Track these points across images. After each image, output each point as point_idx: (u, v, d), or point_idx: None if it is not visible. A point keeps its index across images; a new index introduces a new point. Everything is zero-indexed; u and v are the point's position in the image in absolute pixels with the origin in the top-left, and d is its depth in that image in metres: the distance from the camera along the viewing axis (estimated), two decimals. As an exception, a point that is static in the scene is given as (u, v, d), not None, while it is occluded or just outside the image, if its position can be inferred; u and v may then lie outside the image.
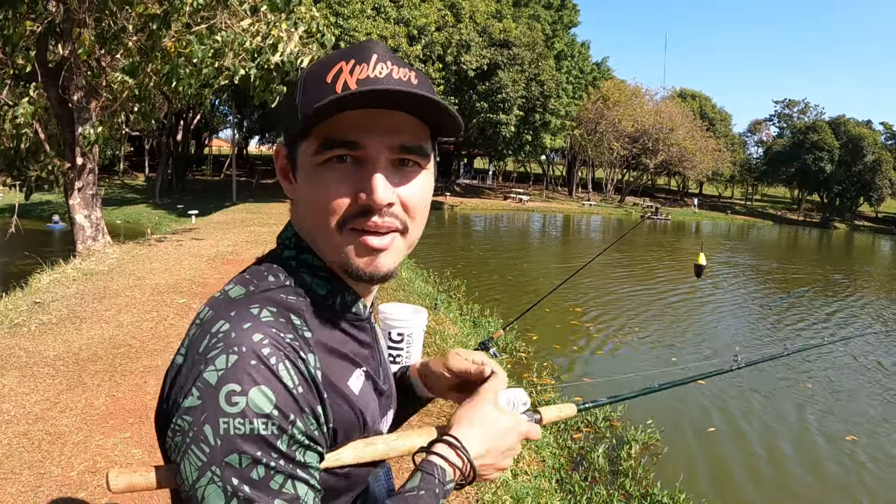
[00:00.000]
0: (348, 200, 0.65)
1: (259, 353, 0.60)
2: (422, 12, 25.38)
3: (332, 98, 0.61)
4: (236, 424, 0.58)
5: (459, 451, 0.71)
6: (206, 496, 0.58)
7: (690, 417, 5.66)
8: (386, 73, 0.65)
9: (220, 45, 6.73)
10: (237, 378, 0.58)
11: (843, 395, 6.65)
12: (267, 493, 0.58)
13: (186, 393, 0.60)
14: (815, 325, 10.21)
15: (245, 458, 0.58)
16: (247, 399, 0.58)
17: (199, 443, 0.58)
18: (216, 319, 0.63)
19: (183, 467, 0.59)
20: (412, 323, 4.03)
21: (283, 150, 0.72)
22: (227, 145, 47.76)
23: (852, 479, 4.78)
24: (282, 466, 0.59)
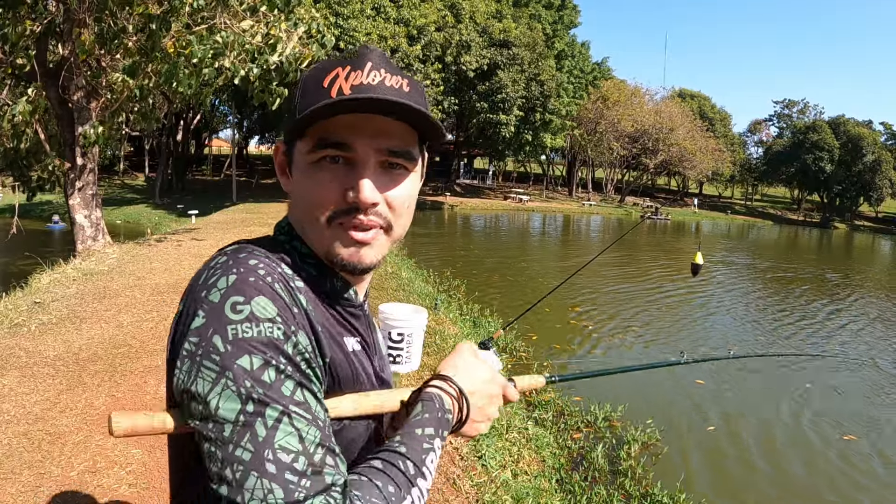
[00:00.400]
0: (338, 198, 0.71)
1: (256, 272, 0.65)
2: (421, 12, 25.38)
3: (325, 102, 0.67)
4: (244, 328, 0.61)
5: (452, 384, 0.77)
6: (220, 405, 0.59)
7: (690, 417, 5.67)
8: (379, 80, 0.70)
9: (219, 45, 6.74)
10: (239, 290, 0.62)
11: (841, 395, 6.65)
12: (279, 396, 0.60)
13: (191, 318, 0.63)
14: (809, 325, 10.22)
15: (256, 360, 0.60)
16: (251, 306, 0.62)
17: (210, 354, 0.60)
18: (213, 258, 0.69)
19: (195, 388, 0.60)
20: (412, 323, 4.03)
21: (282, 147, 0.78)
22: (227, 145, 47.76)
23: (851, 478, 4.78)
24: (290, 372, 0.62)
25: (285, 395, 0.60)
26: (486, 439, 3.54)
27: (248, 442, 0.58)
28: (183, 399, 0.62)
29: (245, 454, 0.58)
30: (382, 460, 0.67)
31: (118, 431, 0.64)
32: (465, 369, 0.79)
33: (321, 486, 0.59)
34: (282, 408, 0.60)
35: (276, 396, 0.60)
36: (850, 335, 9.63)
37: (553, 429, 4.75)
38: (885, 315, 11.61)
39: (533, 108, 28.36)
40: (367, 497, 0.62)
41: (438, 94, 25.29)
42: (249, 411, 0.59)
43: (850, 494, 4.55)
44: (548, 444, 4.18)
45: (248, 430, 0.58)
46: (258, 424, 0.58)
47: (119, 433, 0.64)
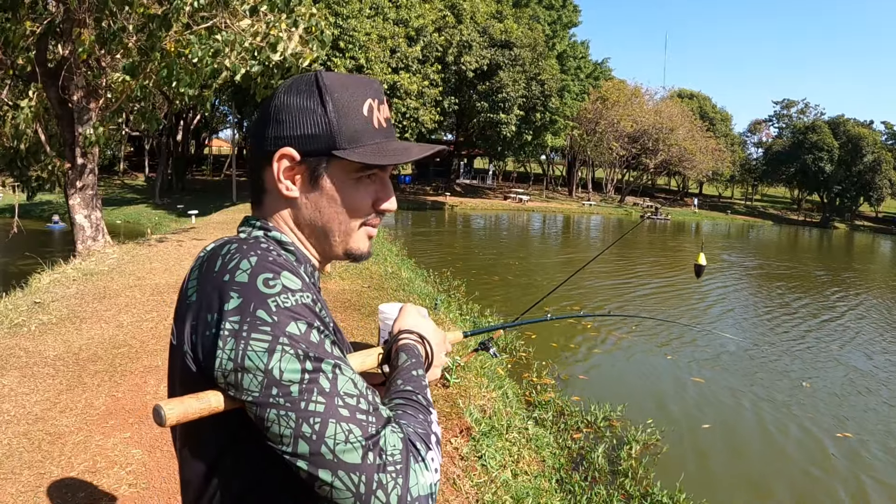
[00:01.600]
0: (370, 205, 0.85)
1: (271, 254, 0.73)
2: (418, 13, 25.36)
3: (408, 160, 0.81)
4: (283, 300, 0.68)
5: (417, 336, 0.91)
6: (283, 368, 0.65)
7: (690, 417, 5.67)
8: (389, 113, 0.87)
9: (220, 45, 6.73)
10: (265, 269, 0.70)
11: (840, 393, 6.65)
12: (327, 352, 0.68)
13: (223, 302, 0.68)
14: (804, 324, 10.22)
15: (302, 324, 0.68)
16: (281, 280, 0.69)
17: (258, 327, 0.66)
18: (220, 248, 0.75)
19: (249, 361, 0.65)
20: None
21: (295, 157, 0.80)
22: (227, 145, 47.73)
23: (849, 476, 4.78)
24: (326, 333, 0.70)
25: (329, 351, 0.69)
26: (486, 439, 3.54)
27: (318, 395, 0.65)
28: (235, 377, 0.66)
29: (318, 406, 0.65)
30: (403, 398, 0.78)
31: (171, 420, 0.65)
32: (419, 324, 0.93)
33: (384, 420, 0.69)
34: (333, 361, 0.68)
35: (326, 352, 0.68)
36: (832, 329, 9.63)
37: (553, 429, 4.75)
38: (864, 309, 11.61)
39: (533, 108, 28.35)
40: (413, 424, 0.73)
41: (437, 94, 25.29)
42: (310, 369, 0.66)
43: (851, 493, 4.55)
44: (548, 444, 4.17)
45: (314, 385, 0.66)
46: (321, 379, 0.66)
47: (172, 421, 0.65)
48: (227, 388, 0.68)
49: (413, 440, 0.70)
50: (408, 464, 0.67)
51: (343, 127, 0.78)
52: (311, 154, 0.79)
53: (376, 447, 0.66)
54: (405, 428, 0.71)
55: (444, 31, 26.42)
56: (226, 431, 0.73)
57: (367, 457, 0.65)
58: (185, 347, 0.71)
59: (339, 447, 0.64)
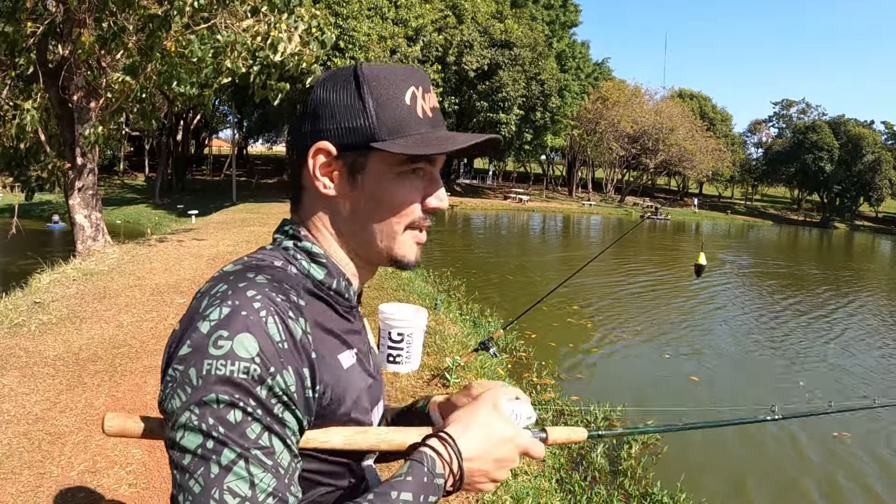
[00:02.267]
0: (419, 205, 0.77)
1: (251, 306, 0.64)
2: (417, 13, 25.36)
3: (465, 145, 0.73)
4: (218, 366, 0.61)
5: (450, 447, 0.70)
6: (184, 435, 0.60)
7: (689, 416, 5.66)
8: (437, 101, 0.79)
9: (220, 45, 6.73)
10: (227, 325, 0.63)
11: (837, 392, 6.66)
12: (242, 438, 0.60)
13: (181, 344, 0.64)
14: (802, 324, 10.23)
15: (223, 399, 0.60)
16: (232, 343, 0.62)
17: (184, 385, 0.61)
18: (215, 284, 0.69)
19: (169, 412, 0.63)
20: (412, 323, 4.04)
21: (332, 150, 0.74)
22: (227, 145, 47.75)
23: (847, 475, 4.78)
24: (259, 415, 0.61)
25: (249, 437, 0.60)
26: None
27: (200, 476, 0.59)
28: (164, 419, 0.65)
29: (196, 487, 0.59)
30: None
31: (109, 431, 0.72)
32: (479, 428, 0.73)
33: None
34: (239, 450, 0.60)
35: (236, 438, 0.60)
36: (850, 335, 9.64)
37: (553, 429, 4.74)
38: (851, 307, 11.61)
39: (533, 108, 28.36)
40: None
41: (438, 94, 25.29)
42: (208, 447, 0.59)
43: (848, 492, 4.55)
44: (548, 444, 4.17)
45: (204, 464, 0.59)
46: (212, 463, 0.59)
47: (111, 433, 0.72)
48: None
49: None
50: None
51: (383, 117, 0.72)
52: (349, 148, 0.73)
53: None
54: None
55: (444, 31, 26.43)
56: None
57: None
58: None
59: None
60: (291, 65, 7.30)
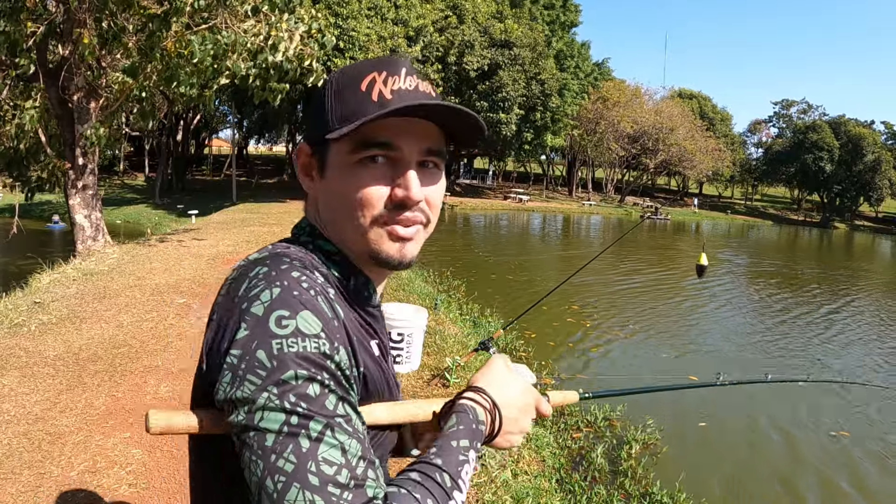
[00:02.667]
0: (384, 196, 0.72)
1: (300, 286, 0.65)
2: (418, 13, 25.36)
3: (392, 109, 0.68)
4: (289, 343, 0.61)
5: (485, 395, 0.76)
6: (264, 417, 0.59)
7: (689, 416, 5.66)
8: (414, 85, 0.74)
9: (220, 45, 6.73)
10: (285, 304, 0.63)
11: (834, 391, 6.65)
12: (324, 410, 0.61)
13: (235, 330, 0.63)
14: (810, 328, 10.22)
15: (301, 375, 0.61)
16: (296, 321, 0.62)
17: (255, 368, 0.61)
18: (252, 267, 0.69)
19: (238, 399, 0.61)
20: (413, 323, 4.04)
21: (308, 149, 0.78)
22: (227, 145, 47.75)
23: (844, 474, 4.78)
24: (333, 387, 0.63)
25: (328, 409, 0.61)
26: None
27: (290, 453, 0.58)
28: (227, 408, 0.63)
29: (287, 465, 0.58)
30: (420, 472, 0.66)
31: (154, 429, 0.66)
32: (498, 381, 0.79)
33: (363, 499, 0.60)
34: (326, 421, 0.61)
35: (319, 410, 0.61)
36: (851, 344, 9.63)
37: (553, 428, 4.75)
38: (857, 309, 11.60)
39: (533, 108, 28.36)
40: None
41: (439, 94, 25.28)
42: (294, 423, 0.59)
43: (847, 493, 4.55)
44: (548, 443, 4.17)
45: (292, 441, 0.59)
46: (302, 437, 0.59)
47: (155, 431, 0.66)
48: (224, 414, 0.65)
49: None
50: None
51: (337, 107, 0.72)
52: (316, 143, 0.76)
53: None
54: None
55: (445, 31, 26.42)
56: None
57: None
58: (200, 362, 0.70)
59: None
60: (292, 66, 7.29)
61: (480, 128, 0.76)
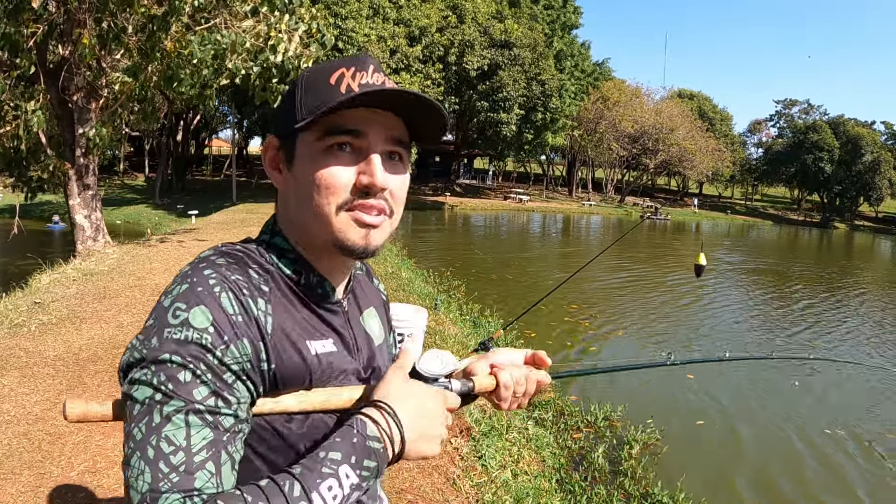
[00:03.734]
0: (350, 183, 0.74)
1: (206, 282, 0.69)
2: (423, 13, 25.36)
3: (357, 94, 0.71)
4: (174, 331, 0.66)
5: (381, 408, 0.71)
6: (137, 388, 0.65)
7: (689, 416, 5.67)
8: (381, 81, 0.76)
9: (220, 45, 6.73)
10: (184, 298, 0.68)
11: (832, 391, 6.66)
12: (188, 396, 0.64)
13: (147, 318, 0.70)
14: (807, 324, 10.23)
15: (176, 360, 0.65)
16: (189, 314, 0.67)
17: (143, 349, 0.67)
18: (183, 268, 0.74)
19: (126, 371, 0.68)
20: (413, 323, 4.03)
21: (276, 142, 0.80)
22: (227, 145, 47.73)
23: (843, 474, 4.78)
24: (208, 379, 0.66)
25: (193, 396, 0.64)
26: (486, 439, 3.54)
27: (143, 424, 0.63)
28: (121, 379, 0.69)
29: (138, 434, 0.63)
30: (270, 479, 0.64)
31: (71, 417, 0.71)
32: (396, 393, 0.74)
33: (187, 486, 0.61)
34: (182, 404, 0.64)
35: (182, 394, 0.64)
36: (849, 334, 9.63)
37: (553, 429, 4.75)
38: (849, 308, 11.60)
39: (534, 108, 28.35)
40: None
41: (439, 94, 25.28)
42: (155, 399, 0.64)
43: (846, 493, 4.55)
44: (548, 444, 4.18)
45: (147, 414, 0.64)
46: (156, 412, 0.63)
47: (72, 419, 0.71)
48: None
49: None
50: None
51: (306, 100, 0.75)
52: (283, 136, 0.78)
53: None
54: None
55: (446, 31, 26.42)
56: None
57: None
58: None
59: (131, 480, 0.62)
60: (292, 66, 7.29)
61: (443, 117, 0.78)
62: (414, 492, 2.82)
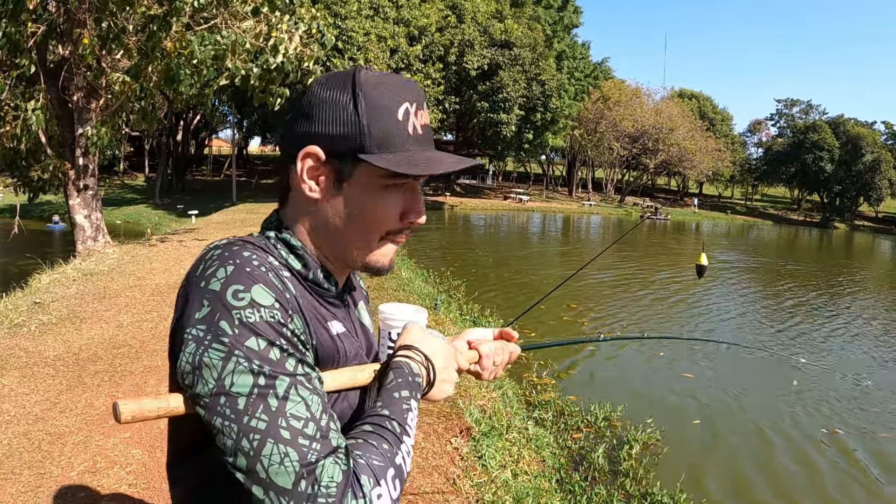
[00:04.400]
0: (396, 216, 0.80)
1: (250, 262, 0.71)
2: (422, 12, 25.36)
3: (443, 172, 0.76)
4: (247, 314, 0.67)
5: (416, 351, 0.84)
6: (234, 381, 0.65)
7: (690, 416, 5.67)
8: (428, 119, 0.81)
9: (220, 45, 6.73)
10: (238, 280, 0.68)
11: (828, 388, 6.66)
12: (285, 371, 0.67)
13: (194, 308, 0.68)
14: (806, 324, 10.23)
15: (262, 341, 0.66)
16: (251, 294, 0.68)
17: (219, 338, 0.66)
18: (207, 251, 0.73)
19: (205, 368, 0.66)
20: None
21: (321, 156, 0.76)
22: (227, 145, 47.75)
23: (842, 474, 4.78)
24: (291, 350, 0.68)
25: (289, 370, 0.67)
26: (486, 439, 3.54)
27: (262, 412, 0.64)
28: (191, 380, 0.67)
29: (260, 423, 0.64)
30: (372, 423, 0.73)
31: (125, 416, 0.66)
32: (422, 339, 0.87)
33: (329, 448, 0.66)
34: (289, 380, 0.66)
35: (282, 371, 0.66)
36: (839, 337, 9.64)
37: (553, 429, 4.75)
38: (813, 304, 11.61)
39: (534, 108, 28.34)
40: (368, 455, 0.69)
41: (439, 93, 25.27)
42: (261, 384, 0.65)
43: (847, 492, 4.55)
44: (548, 444, 4.17)
45: (262, 401, 0.64)
46: (270, 396, 0.65)
47: (126, 418, 0.66)
48: (185, 389, 0.68)
49: (360, 473, 0.66)
50: (341, 499, 0.63)
51: (374, 129, 0.74)
52: (337, 154, 0.75)
53: (311, 476, 0.63)
54: (356, 459, 0.67)
55: (446, 30, 26.42)
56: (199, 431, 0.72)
57: (298, 484, 0.63)
58: (170, 345, 0.73)
59: (273, 468, 0.63)
60: (292, 67, 7.29)
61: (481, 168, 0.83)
62: (414, 492, 2.82)
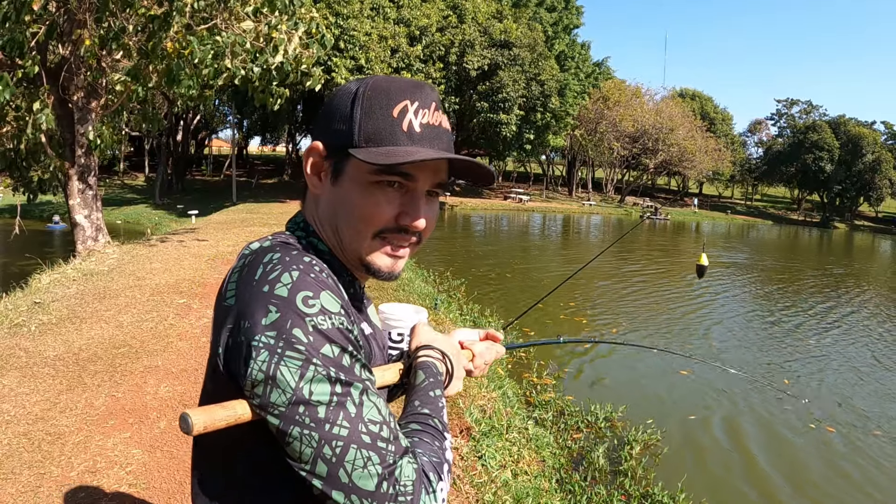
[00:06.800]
0: (391, 217, 0.78)
1: (312, 268, 0.71)
2: (423, 12, 25.36)
3: (433, 157, 0.74)
4: (320, 321, 0.67)
5: (436, 350, 0.90)
6: (313, 390, 0.65)
7: (690, 416, 5.67)
8: (439, 121, 0.79)
9: (220, 46, 6.72)
10: (307, 286, 0.69)
11: (825, 388, 6.66)
12: (356, 377, 0.68)
13: (259, 314, 0.67)
14: (806, 324, 10.23)
15: (335, 348, 0.68)
16: (320, 301, 0.68)
17: (294, 345, 0.66)
18: (263, 254, 0.73)
19: (280, 377, 0.65)
20: (413, 323, 4.04)
21: (322, 151, 0.80)
22: (227, 145, 47.74)
23: (841, 473, 4.78)
24: (358, 356, 0.70)
25: (360, 375, 0.69)
26: (486, 439, 3.54)
27: (343, 419, 0.66)
28: (263, 390, 0.66)
29: (342, 430, 0.65)
30: (418, 423, 0.78)
31: (198, 427, 0.64)
32: (436, 338, 0.93)
33: (402, 449, 0.69)
34: (362, 386, 0.68)
35: (355, 377, 0.68)
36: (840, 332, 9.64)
37: (553, 429, 4.75)
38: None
39: (533, 108, 28.34)
40: (427, 452, 0.73)
41: (440, 93, 25.25)
42: (339, 392, 0.66)
43: (846, 492, 4.55)
44: (548, 444, 4.17)
45: (341, 409, 0.66)
46: (349, 403, 0.66)
47: (199, 429, 0.65)
48: (253, 398, 0.67)
49: (426, 471, 0.70)
50: (418, 496, 0.67)
51: (364, 124, 0.75)
52: (334, 150, 0.78)
53: (391, 477, 0.66)
54: (420, 458, 0.71)
55: (446, 31, 26.42)
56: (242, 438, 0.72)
57: (381, 485, 0.65)
58: (219, 350, 0.71)
59: (357, 473, 0.65)
60: (291, 68, 7.28)
61: (490, 174, 0.82)
62: (414, 492, 2.81)
